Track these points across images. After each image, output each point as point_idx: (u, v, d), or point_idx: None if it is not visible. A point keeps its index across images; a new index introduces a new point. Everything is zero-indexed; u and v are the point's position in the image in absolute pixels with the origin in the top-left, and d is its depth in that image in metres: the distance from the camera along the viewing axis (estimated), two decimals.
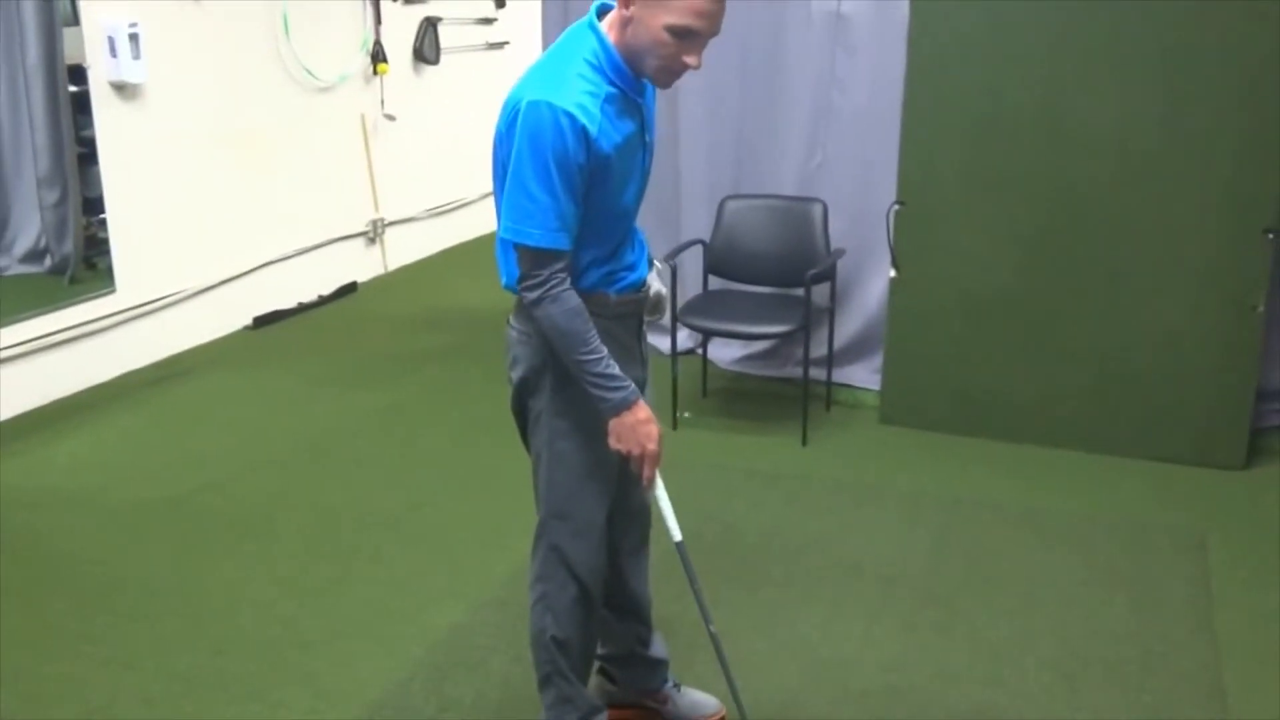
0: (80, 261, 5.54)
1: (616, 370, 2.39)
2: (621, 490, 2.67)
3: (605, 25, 2.37)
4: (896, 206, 4.65)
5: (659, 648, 3.00)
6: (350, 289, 7.01)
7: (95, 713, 3.07)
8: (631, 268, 2.55)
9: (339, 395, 5.34)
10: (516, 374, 2.55)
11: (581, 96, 2.26)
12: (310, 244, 6.65)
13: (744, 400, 5.26)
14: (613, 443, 2.45)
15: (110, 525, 4.12)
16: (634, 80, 2.36)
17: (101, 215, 5.51)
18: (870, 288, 5.14)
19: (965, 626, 3.43)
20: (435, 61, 7.64)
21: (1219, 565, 3.77)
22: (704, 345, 5.39)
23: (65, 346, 5.32)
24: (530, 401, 2.56)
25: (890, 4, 4.75)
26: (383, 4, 7.13)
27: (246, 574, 3.77)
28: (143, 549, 3.95)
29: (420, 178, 7.58)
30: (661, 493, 2.56)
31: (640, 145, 2.44)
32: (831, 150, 5.11)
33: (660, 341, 5.82)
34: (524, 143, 2.27)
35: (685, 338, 5.40)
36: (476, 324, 6.27)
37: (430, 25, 7.59)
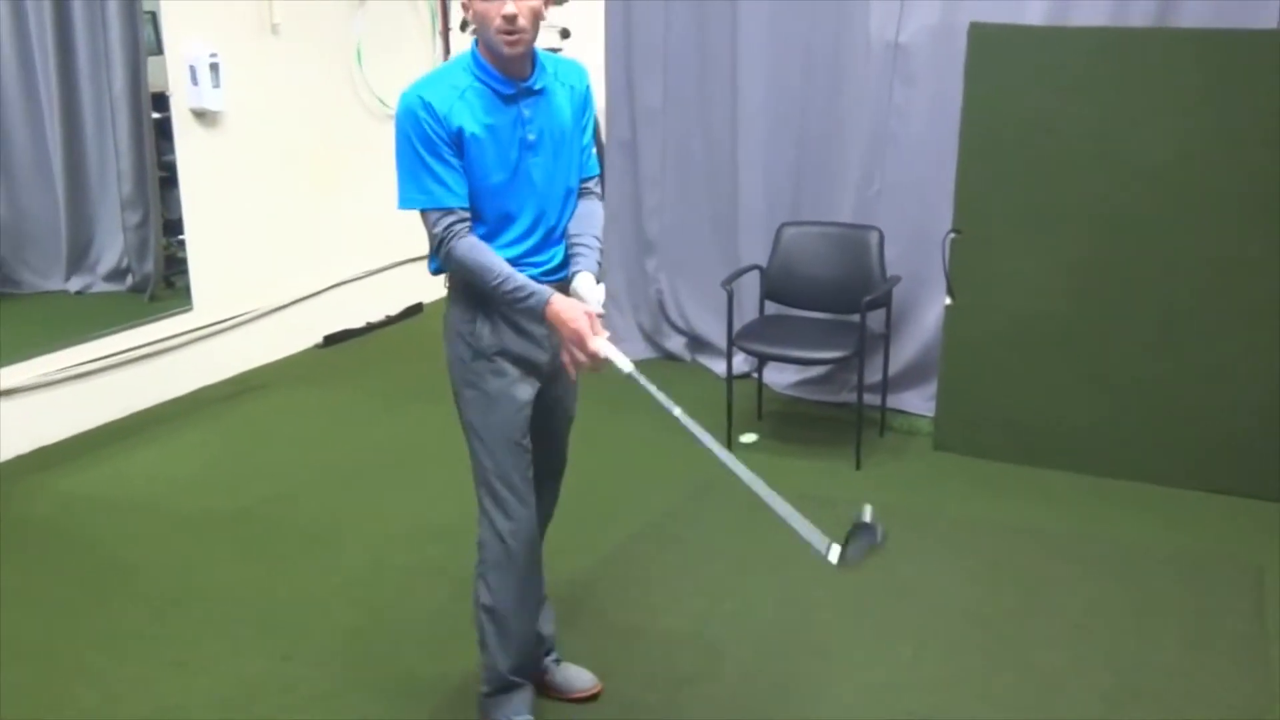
0: (160, 280, 5.71)
1: (523, 281, 2.66)
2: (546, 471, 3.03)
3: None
4: (953, 234, 4.71)
5: (545, 622, 3.17)
6: (416, 309, 7.16)
7: (168, 713, 3.20)
8: (532, 264, 2.78)
9: (405, 411, 5.47)
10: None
11: (438, 86, 2.66)
12: (378, 266, 6.80)
13: (798, 424, 5.32)
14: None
15: (184, 534, 4.27)
16: (502, 77, 2.68)
17: (180, 236, 5.69)
18: (926, 314, 5.19)
19: (1014, 654, 3.46)
20: None
21: (1275, 599, 3.75)
22: (759, 369, 5.46)
23: (145, 362, 5.50)
24: (450, 380, 2.87)
25: (948, 34, 4.81)
26: (451, 35, 7.32)
27: (314, 584, 3.89)
28: (215, 557, 4.09)
29: None
30: (607, 347, 2.71)
31: (516, 140, 2.71)
32: (889, 178, 5.17)
33: (715, 365, 5.92)
34: (395, 127, 2.70)
35: (740, 361, 5.48)
36: None
37: None
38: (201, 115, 5.64)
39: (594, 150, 2.94)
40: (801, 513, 4.30)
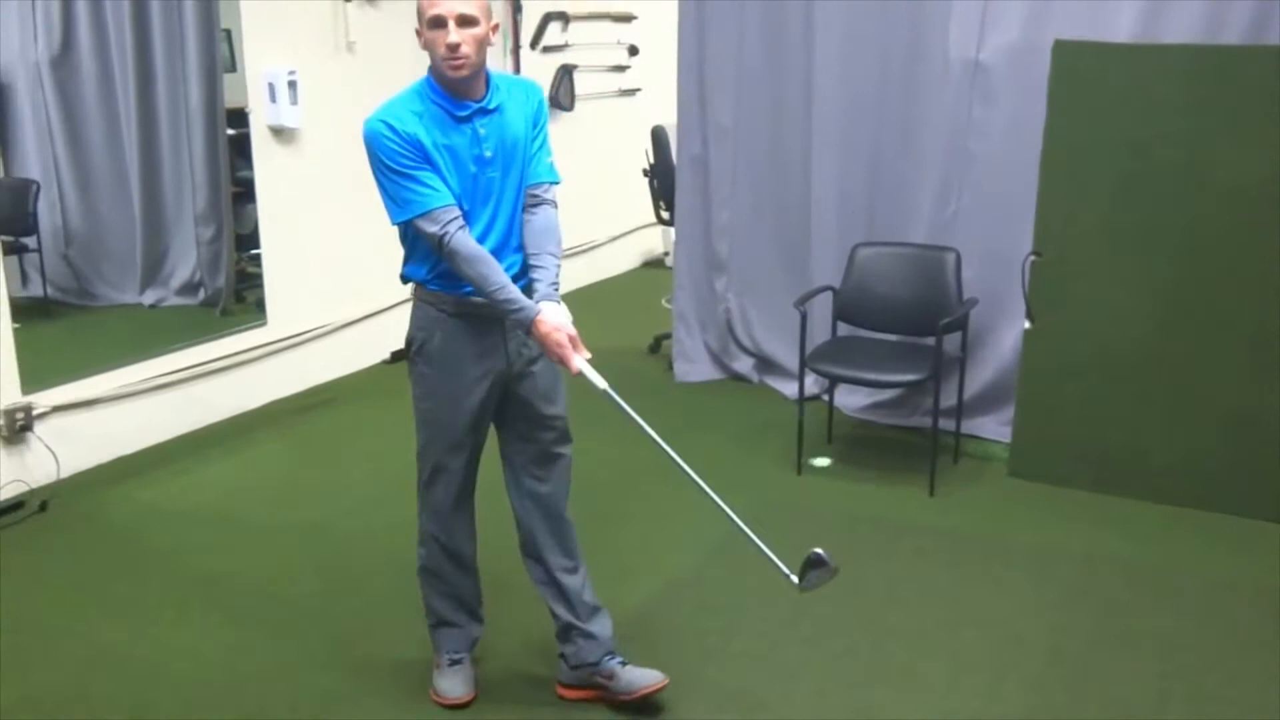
0: (231, 294, 5.79)
1: (515, 295, 2.91)
2: (530, 480, 3.24)
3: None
4: (1033, 257, 4.64)
5: (600, 625, 3.29)
6: None
7: (247, 717, 3.25)
8: None
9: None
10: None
11: (396, 110, 2.92)
12: None
13: (869, 448, 5.27)
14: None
15: (258, 545, 4.31)
16: (454, 99, 2.93)
17: (251, 251, 5.76)
18: (1002, 338, 5.12)
19: (1095, 687, 3.39)
20: (570, 108, 7.81)
21: None
22: (830, 391, 5.41)
23: (220, 374, 5.56)
24: (409, 366, 3.21)
25: (1030, 54, 4.75)
26: (522, 53, 7.36)
27: (384, 598, 3.91)
28: (289, 569, 4.12)
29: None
30: (585, 367, 2.96)
31: (472, 157, 2.96)
32: (966, 199, 5.11)
33: (783, 386, 5.88)
34: (367, 155, 2.95)
35: (810, 383, 5.42)
36: (605, 358, 6.37)
37: (566, 73, 7.78)
38: (279, 132, 5.70)
39: (548, 159, 3.12)
40: (877, 539, 4.29)
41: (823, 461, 5.03)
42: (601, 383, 2.98)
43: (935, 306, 4.83)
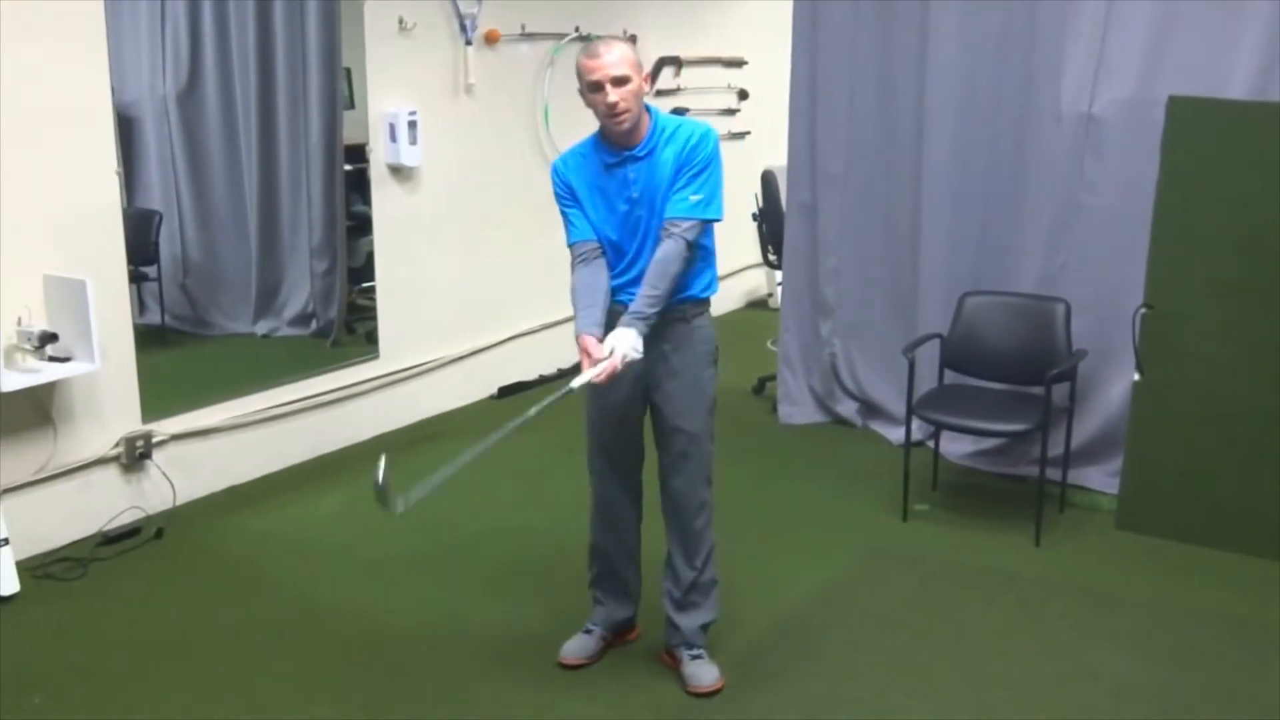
0: (341, 327, 5.92)
1: (582, 311, 3.38)
2: (666, 476, 3.59)
3: None
4: (1144, 310, 4.61)
5: (687, 619, 3.62)
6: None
7: None
8: (631, 293, 3.39)
9: (574, 464, 5.51)
10: None
11: (570, 155, 3.48)
12: (553, 320, 6.92)
13: (974, 495, 5.24)
14: None
15: (369, 577, 4.40)
16: (608, 149, 3.38)
17: (362, 285, 5.89)
18: (1110, 389, 5.07)
19: None
20: None
21: None
22: (935, 437, 5.40)
23: (332, 406, 5.70)
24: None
25: (1143, 108, 4.74)
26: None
27: (498, 634, 3.96)
28: (399, 602, 4.20)
29: None
30: (579, 379, 3.30)
31: (622, 198, 3.38)
32: (1075, 250, 5.09)
33: (888, 431, 5.88)
34: None
35: (916, 429, 5.41)
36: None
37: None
38: (397, 170, 5.85)
39: (691, 195, 3.32)
40: (983, 588, 4.25)
41: (921, 507, 5.02)
42: (574, 384, 3.30)
43: (1044, 357, 4.81)
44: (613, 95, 3.22)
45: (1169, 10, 4.74)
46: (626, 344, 3.26)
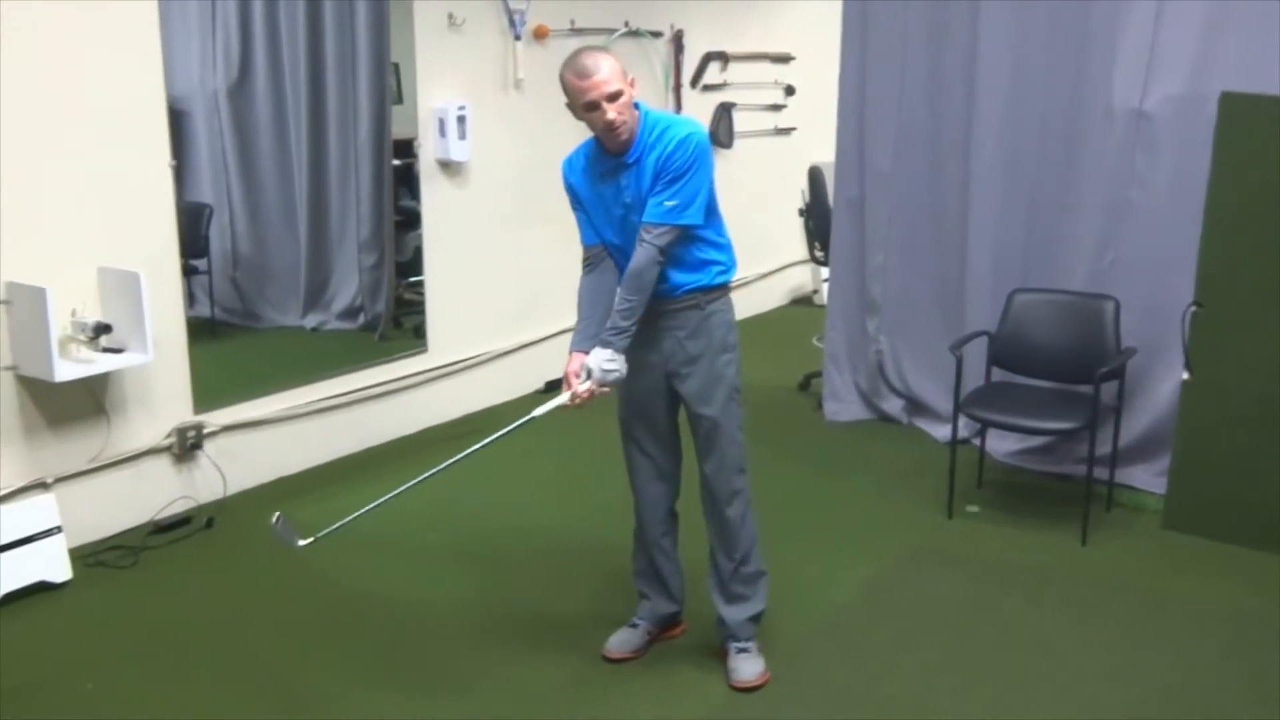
0: (389, 320, 5.97)
1: (581, 326, 3.51)
2: (700, 462, 3.59)
3: None
4: (1193, 308, 4.56)
5: (732, 612, 3.63)
6: None
7: None
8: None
9: (619, 456, 5.54)
10: None
11: (574, 157, 3.50)
12: None
13: (1020, 494, 5.21)
14: None
15: (414, 568, 4.45)
16: (602, 157, 3.39)
17: (410, 279, 5.94)
18: (1159, 388, 5.02)
19: None
20: (729, 145, 7.92)
21: None
22: (981, 435, 5.37)
23: (381, 399, 5.75)
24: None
25: (1194, 104, 4.70)
26: (683, 91, 7.49)
27: (543, 626, 3.99)
28: (443, 593, 4.24)
29: None
30: (542, 408, 3.49)
31: (618, 203, 3.39)
32: (1126, 248, 5.05)
33: (933, 429, 5.85)
34: None
35: (962, 426, 5.38)
36: (754, 394, 6.41)
37: (725, 111, 7.91)
38: (446, 165, 5.90)
39: (666, 201, 3.30)
40: (1029, 586, 4.23)
41: (972, 507, 5.00)
42: (538, 411, 3.49)
43: (1092, 355, 4.77)
44: (610, 113, 3.21)
45: (1220, 7, 4.69)
46: (596, 364, 3.36)
